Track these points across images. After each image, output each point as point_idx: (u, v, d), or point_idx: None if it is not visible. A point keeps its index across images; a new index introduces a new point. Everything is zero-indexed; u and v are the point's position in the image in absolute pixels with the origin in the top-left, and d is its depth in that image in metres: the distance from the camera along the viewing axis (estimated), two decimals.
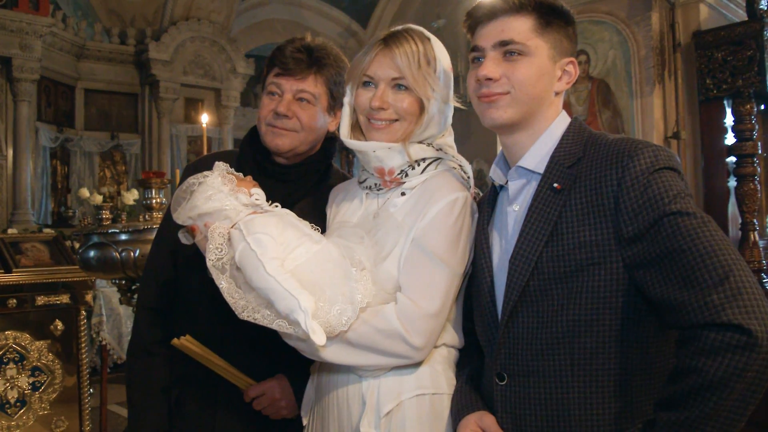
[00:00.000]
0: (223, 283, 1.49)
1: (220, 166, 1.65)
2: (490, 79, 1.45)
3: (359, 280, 1.50)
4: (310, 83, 1.80)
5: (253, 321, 1.46)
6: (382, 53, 1.61)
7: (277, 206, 1.63)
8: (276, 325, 1.44)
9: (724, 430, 1.16)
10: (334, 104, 1.87)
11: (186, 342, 1.70)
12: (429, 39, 1.64)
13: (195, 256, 1.78)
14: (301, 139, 1.83)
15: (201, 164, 1.87)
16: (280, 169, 1.87)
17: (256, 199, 1.61)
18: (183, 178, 1.93)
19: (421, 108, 1.62)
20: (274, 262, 1.46)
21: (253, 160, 1.87)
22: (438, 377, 1.56)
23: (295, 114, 1.79)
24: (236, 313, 1.47)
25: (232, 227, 1.54)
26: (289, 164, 1.88)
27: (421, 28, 1.66)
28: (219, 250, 1.51)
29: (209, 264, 1.51)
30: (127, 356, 1.98)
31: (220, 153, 2.07)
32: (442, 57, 1.64)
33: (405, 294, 1.52)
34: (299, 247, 1.53)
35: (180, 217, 1.60)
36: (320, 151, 1.94)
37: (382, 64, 1.61)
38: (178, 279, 1.89)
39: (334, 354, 1.48)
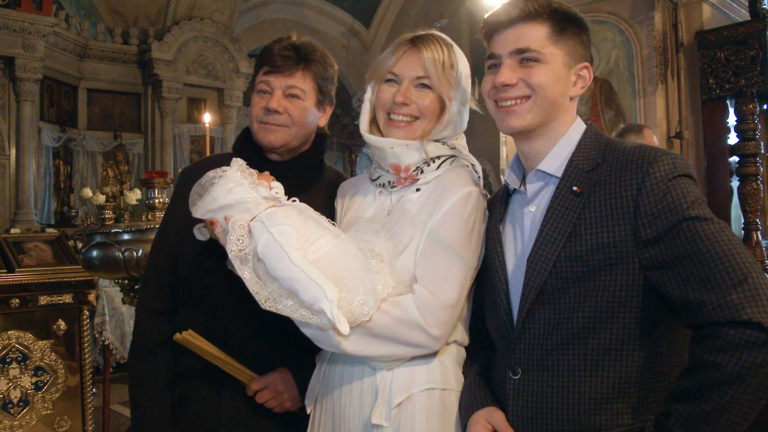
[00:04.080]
0: (246, 274, 1.51)
1: (238, 162, 1.66)
2: (507, 85, 1.48)
3: (379, 271, 1.54)
4: (298, 79, 1.84)
5: (275, 311, 1.49)
6: (410, 52, 1.67)
7: (295, 200, 1.65)
8: (299, 314, 1.47)
9: (736, 422, 1.21)
10: (324, 100, 1.92)
11: (188, 336, 1.70)
12: (452, 46, 1.71)
13: (198, 256, 1.80)
14: (293, 134, 1.87)
15: (196, 169, 1.91)
16: (273, 166, 1.88)
17: (276, 193, 1.64)
18: (178, 183, 1.97)
19: (441, 108, 1.67)
20: (299, 252, 1.48)
21: (248, 159, 1.88)
22: (448, 374, 1.59)
23: (286, 109, 1.83)
24: (259, 303, 1.49)
25: (252, 220, 1.56)
26: (282, 161, 1.91)
27: (444, 36, 1.73)
28: (240, 241, 1.53)
29: (231, 255, 1.53)
30: (129, 358, 1.99)
31: (213, 157, 2.12)
32: (462, 63, 1.70)
33: (422, 285, 1.55)
34: (320, 239, 1.55)
35: (199, 210, 1.61)
36: (312, 148, 1.97)
37: (409, 62, 1.67)
38: (180, 278, 1.90)
39: (354, 344, 1.50)
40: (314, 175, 1.96)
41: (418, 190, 1.68)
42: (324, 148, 2.01)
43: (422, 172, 1.67)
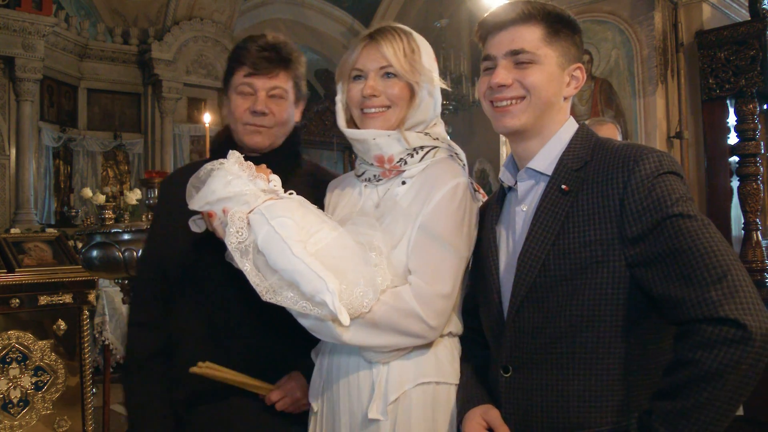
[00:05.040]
0: (247, 266, 1.52)
1: (235, 154, 1.66)
2: (503, 85, 1.51)
3: (378, 264, 1.55)
4: (281, 79, 1.87)
5: (275, 303, 1.49)
6: (369, 46, 1.70)
7: (292, 194, 1.65)
8: (299, 306, 1.47)
9: (716, 419, 1.21)
10: (300, 96, 1.95)
11: (207, 369, 1.70)
12: (411, 33, 1.73)
13: (190, 255, 1.81)
14: (277, 134, 1.90)
15: (176, 177, 1.93)
16: (250, 160, 1.88)
17: (274, 186, 1.64)
18: (161, 194, 1.99)
19: (411, 93, 1.70)
20: (300, 244, 1.49)
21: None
22: (443, 367, 1.62)
23: (271, 110, 1.85)
24: (260, 295, 1.50)
25: (250, 212, 1.56)
26: (259, 156, 1.91)
27: (401, 25, 1.76)
28: (239, 233, 1.53)
29: (231, 247, 1.53)
30: (121, 375, 1.97)
31: (193, 163, 2.14)
32: (423, 47, 1.73)
33: (417, 277, 1.57)
34: (319, 231, 1.56)
35: (197, 203, 1.62)
36: (287, 140, 1.98)
37: (370, 55, 1.69)
38: (173, 281, 1.89)
39: (353, 334, 1.51)
40: (292, 168, 1.97)
41: (403, 183, 1.70)
42: (299, 140, 2.03)
43: (406, 163, 1.69)
